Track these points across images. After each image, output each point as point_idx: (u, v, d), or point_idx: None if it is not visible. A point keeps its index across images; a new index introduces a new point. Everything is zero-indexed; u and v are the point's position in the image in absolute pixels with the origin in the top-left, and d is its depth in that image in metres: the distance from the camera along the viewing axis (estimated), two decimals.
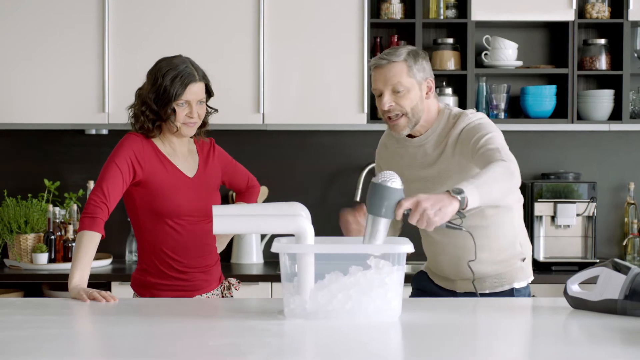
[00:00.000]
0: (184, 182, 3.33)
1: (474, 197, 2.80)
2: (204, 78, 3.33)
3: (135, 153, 3.27)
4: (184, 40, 4.80)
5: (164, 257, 3.33)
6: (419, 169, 3.30)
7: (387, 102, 3.21)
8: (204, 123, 3.39)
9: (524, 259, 3.42)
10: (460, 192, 2.78)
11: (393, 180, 2.77)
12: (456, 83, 5.08)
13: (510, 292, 3.37)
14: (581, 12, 5.00)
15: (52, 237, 4.82)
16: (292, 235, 2.80)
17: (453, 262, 3.36)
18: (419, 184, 3.25)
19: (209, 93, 3.35)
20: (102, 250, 4.85)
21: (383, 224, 2.77)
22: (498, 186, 2.91)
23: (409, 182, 3.20)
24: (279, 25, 4.84)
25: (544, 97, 5.00)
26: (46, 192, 4.99)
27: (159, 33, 4.82)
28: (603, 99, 4.98)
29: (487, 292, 3.35)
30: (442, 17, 5.01)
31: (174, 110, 3.26)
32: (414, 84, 3.21)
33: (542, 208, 4.87)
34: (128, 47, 4.83)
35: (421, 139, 3.30)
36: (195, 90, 3.28)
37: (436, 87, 5.01)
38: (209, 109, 3.39)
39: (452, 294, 3.41)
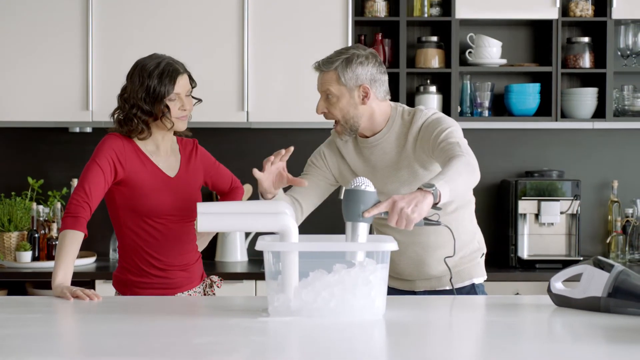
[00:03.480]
0: (164, 181, 3.33)
1: (444, 190, 2.84)
2: (186, 69, 3.35)
3: (117, 153, 3.27)
4: (168, 38, 4.79)
5: (144, 256, 3.33)
6: (381, 171, 3.31)
7: (319, 107, 3.27)
8: None
9: (482, 255, 3.46)
10: (431, 186, 2.81)
11: (366, 185, 2.81)
12: (440, 81, 5.09)
13: (472, 288, 3.40)
14: (565, 10, 5.02)
15: (36, 235, 4.81)
16: (276, 233, 2.80)
17: (415, 262, 3.37)
18: (393, 185, 3.27)
19: (191, 84, 3.37)
20: (86, 249, 4.85)
21: (362, 228, 2.80)
22: (462, 180, 2.95)
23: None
24: (264, 22, 4.84)
25: (527, 95, 5.01)
26: (30, 190, 4.97)
27: (143, 31, 4.81)
28: (587, 97, 4.99)
29: (448, 288, 3.36)
30: (426, 15, 5.02)
31: (167, 107, 3.27)
32: (344, 91, 3.21)
33: (525, 206, 4.88)
34: (112, 45, 4.81)
35: (376, 137, 3.30)
36: (183, 83, 3.31)
37: (420, 85, 5.03)
38: (194, 99, 3.40)
39: (411, 294, 3.42)
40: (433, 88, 5.01)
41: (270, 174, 3.17)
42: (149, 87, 3.27)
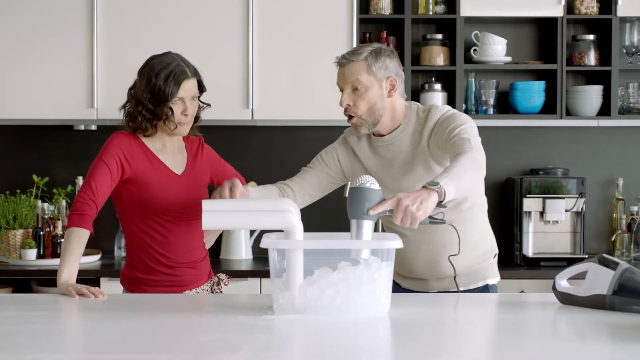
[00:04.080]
0: (171, 179, 3.33)
1: (449, 188, 2.83)
2: (196, 74, 3.33)
3: (124, 151, 3.27)
4: (173, 35, 4.79)
5: (152, 253, 3.33)
6: (397, 168, 3.30)
7: (345, 100, 3.23)
8: (196, 118, 3.39)
9: (495, 255, 3.45)
10: (435, 184, 2.80)
11: (371, 183, 2.81)
12: (445, 79, 5.08)
13: (485, 289, 3.39)
14: (570, 7, 5.01)
15: (41, 232, 4.81)
16: (281, 230, 2.80)
17: (428, 260, 3.35)
18: (408, 182, 3.26)
19: (200, 88, 3.35)
20: (91, 246, 4.85)
21: (366, 226, 2.80)
22: (468, 176, 2.94)
23: (389, 188, 3.21)
24: (268, 20, 4.83)
25: (532, 92, 5.01)
26: (35, 188, 4.97)
27: (148, 28, 4.81)
28: (592, 95, 4.99)
29: (462, 289, 3.34)
30: (431, 13, 5.01)
31: (171, 109, 3.27)
32: (373, 82, 3.21)
33: (530, 204, 4.87)
34: (117, 43, 4.82)
35: (393, 135, 3.30)
36: (188, 87, 3.28)
37: (425, 83, 5.03)
38: (202, 104, 3.39)
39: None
40: (438, 86, 5.01)
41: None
42: (154, 86, 3.26)
